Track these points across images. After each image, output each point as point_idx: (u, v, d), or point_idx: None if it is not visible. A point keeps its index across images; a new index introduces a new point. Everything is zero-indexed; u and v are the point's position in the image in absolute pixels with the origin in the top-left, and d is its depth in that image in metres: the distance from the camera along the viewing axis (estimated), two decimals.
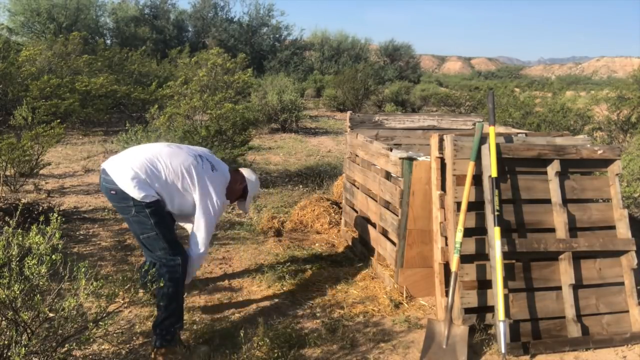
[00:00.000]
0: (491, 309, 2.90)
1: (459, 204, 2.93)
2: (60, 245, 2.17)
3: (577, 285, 2.97)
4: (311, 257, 3.96)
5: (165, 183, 2.69)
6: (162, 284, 2.37)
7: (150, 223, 2.64)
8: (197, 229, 2.78)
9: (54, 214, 2.22)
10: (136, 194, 2.59)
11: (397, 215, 3.33)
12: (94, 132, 9.76)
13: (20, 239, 2.10)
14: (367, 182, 3.93)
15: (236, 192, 3.06)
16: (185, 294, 3.06)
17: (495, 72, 63.31)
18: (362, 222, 4.04)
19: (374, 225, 3.81)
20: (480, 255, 2.97)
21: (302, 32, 33.86)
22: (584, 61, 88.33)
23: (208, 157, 2.94)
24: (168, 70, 16.03)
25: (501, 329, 2.68)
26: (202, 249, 2.79)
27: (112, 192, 2.65)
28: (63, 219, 2.32)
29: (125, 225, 3.32)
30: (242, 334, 2.82)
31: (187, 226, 3.17)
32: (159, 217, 2.67)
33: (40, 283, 2.05)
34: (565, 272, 2.95)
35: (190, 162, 2.76)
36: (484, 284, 2.96)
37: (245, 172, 3.14)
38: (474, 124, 4.42)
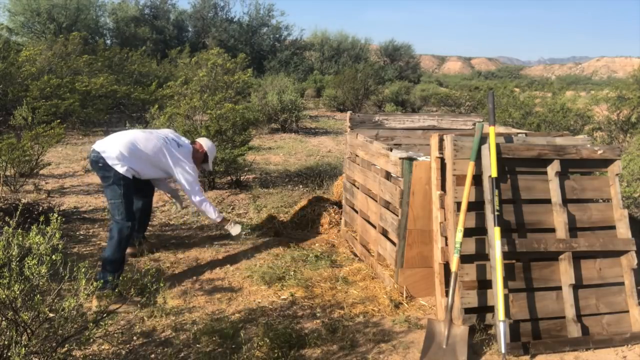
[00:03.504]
0: (491, 309, 2.90)
1: (459, 204, 2.93)
2: (60, 246, 2.17)
3: (577, 285, 2.97)
4: (311, 257, 3.96)
5: (143, 160, 3.55)
6: (111, 239, 3.36)
7: (119, 192, 3.43)
8: (184, 186, 3.72)
9: (54, 214, 2.22)
10: (118, 167, 3.42)
11: (397, 215, 3.33)
12: (94, 132, 9.76)
13: (20, 239, 2.10)
14: (367, 182, 3.93)
15: (199, 157, 3.96)
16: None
17: (495, 72, 63.32)
18: (362, 222, 4.04)
19: (374, 225, 3.81)
20: (480, 255, 2.97)
21: (302, 32, 33.87)
22: (584, 61, 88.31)
23: (173, 137, 3.82)
24: (168, 70, 16.04)
25: (501, 329, 2.68)
26: (195, 196, 3.74)
27: (100, 164, 3.44)
28: (63, 219, 2.32)
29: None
30: (242, 334, 2.82)
31: (162, 188, 4.20)
32: (126, 190, 3.46)
33: (40, 283, 2.05)
34: (565, 272, 2.95)
35: (161, 144, 3.64)
36: (484, 284, 2.96)
37: (202, 141, 4.04)
38: (474, 124, 4.42)
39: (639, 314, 2.98)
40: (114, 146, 3.46)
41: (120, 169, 3.41)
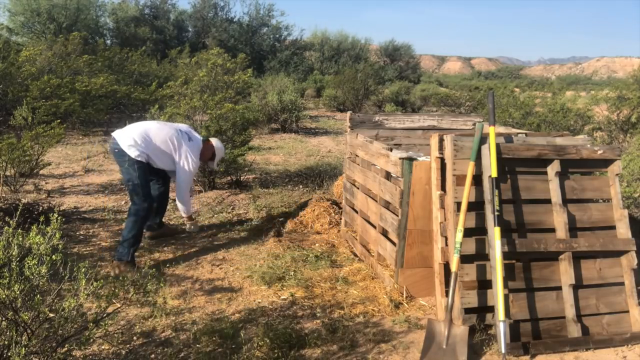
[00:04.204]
0: (491, 309, 2.90)
1: (459, 204, 2.93)
2: (60, 246, 2.17)
3: (577, 286, 2.97)
4: (311, 257, 3.96)
5: (154, 147, 3.87)
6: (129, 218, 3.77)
7: (135, 175, 3.78)
8: (179, 175, 4.03)
9: (54, 214, 2.22)
10: (131, 152, 3.76)
11: (397, 215, 3.33)
12: (94, 132, 9.76)
13: (21, 239, 2.10)
14: (367, 182, 3.93)
15: (207, 155, 4.29)
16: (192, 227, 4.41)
17: (495, 72, 63.28)
18: (362, 222, 4.04)
19: (374, 225, 3.81)
20: (480, 255, 2.97)
21: (302, 32, 33.85)
22: (584, 61, 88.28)
23: (187, 131, 4.15)
24: (168, 70, 16.04)
25: (501, 329, 2.68)
26: (183, 185, 4.04)
27: (116, 150, 3.81)
28: (63, 219, 2.32)
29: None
30: (242, 334, 2.82)
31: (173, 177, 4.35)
32: (141, 173, 3.80)
33: (40, 283, 2.05)
34: (565, 272, 2.95)
35: (172, 133, 3.97)
36: (484, 284, 2.96)
37: (213, 141, 4.35)
38: (474, 124, 4.42)
39: (639, 314, 2.98)
40: (128, 133, 3.84)
41: (133, 152, 3.76)
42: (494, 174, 2.89)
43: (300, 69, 24.61)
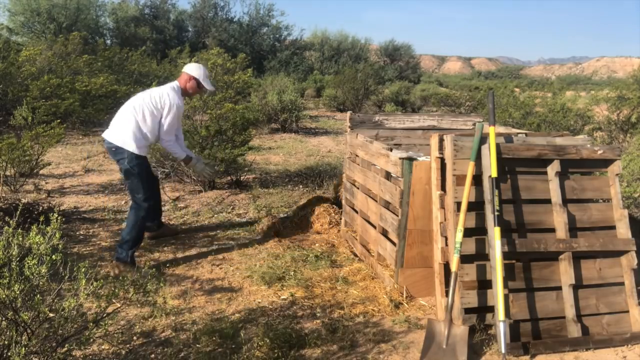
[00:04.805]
0: (491, 309, 2.90)
1: (459, 204, 2.93)
2: (60, 246, 2.17)
3: (577, 286, 2.97)
4: (311, 257, 3.96)
5: (146, 124, 3.69)
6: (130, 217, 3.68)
7: (135, 172, 3.65)
8: (162, 128, 3.77)
9: (54, 214, 2.22)
10: (128, 146, 3.62)
11: (397, 215, 3.33)
12: (94, 132, 9.76)
13: (21, 239, 2.10)
14: (367, 182, 3.93)
15: (190, 88, 3.87)
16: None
17: (495, 72, 63.28)
18: (362, 222, 4.04)
19: (374, 225, 3.81)
20: (480, 255, 2.97)
21: (302, 32, 33.88)
22: (584, 61, 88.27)
23: (160, 90, 3.81)
24: (168, 70, 16.04)
25: (501, 329, 2.68)
26: (167, 136, 3.82)
27: (113, 148, 3.68)
28: (63, 219, 2.32)
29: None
30: (242, 334, 2.82)
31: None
32: (141, 169, 3.68)
33: (40, 283, 2.05)
34: (565, 272, 2.95)
35: (141, 98, 3.75)
36: (484, 284, 2.96)
37: (186, 69, 3.88)
38: (474, 124, 4.42)
39: (639, 314, 2.98)
40: (118, 128, 3.71)
41: (130, 146, 3.61)
42: (494, 174, 2.89)
43: (300, 69, 24.62)
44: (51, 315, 2.04)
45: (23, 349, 1.90)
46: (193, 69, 3.87)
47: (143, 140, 3.72)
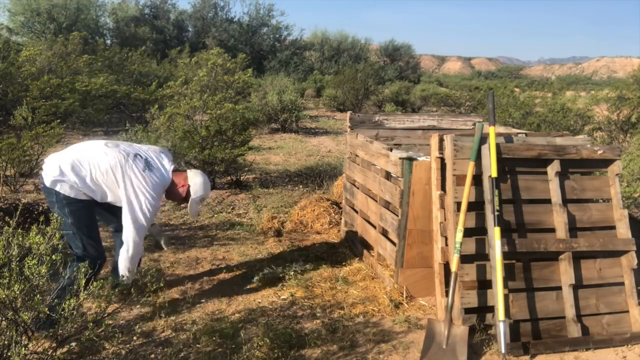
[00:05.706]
0: (491, 309, 2.90)
1: (459, 204, 2.93)
2: (60, 245, 2.17)
3: (577, 286, 2.97)
4: (311, 257, 3.96)
5: (91, 180, 2.79)
6: (65, 276, 2.43)
7: (68, 222, 2.75)
8: (125, 233, 2.86)
9: (54, 214, 2.22)
10: (58, 187, 2.74)
11: (397, 215, 3.33)
12: (94, 132, 9.76)
13: (21, 239, 2.10)
14: (367, 182, 3.93)
15: (177, 194, 3.03)
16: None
17: (495, 72, 63.25)
18: (362, 222, 4.04)
19: (374, 225, 3.81)
20: (480, 255, 2.97)
21: (302, 32, 33.87)
22: (584, 61, 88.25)
23: (148, 155, 2.95)
24: (168, 70, 16.04)
25: (501, 329, 2.68)
26: (128, 256, 2.90)
27: (42, 186, 2.84)
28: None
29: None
30: (242, 334, 2.82)
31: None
32: (77, 218, 2.78)
33: (40, 283, 2.05)
34: (565, 272, 2.95)
35: (117, 160, 2.81)
36: (484, 284, 2.96)
37: (190, 173, 3.08)
38: (474, 124, 4.42)
39: (639, 314, 2.98)
40: (54, 161, 2.79)
41: (60, 188, 2.74)
42: (494, 174, 2.89)
43: (300, 69, 24.63)
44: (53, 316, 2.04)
45: (23, 349, 1.91)
46: (198, 186, 3.05)
47: (79, 188, 2.81)
